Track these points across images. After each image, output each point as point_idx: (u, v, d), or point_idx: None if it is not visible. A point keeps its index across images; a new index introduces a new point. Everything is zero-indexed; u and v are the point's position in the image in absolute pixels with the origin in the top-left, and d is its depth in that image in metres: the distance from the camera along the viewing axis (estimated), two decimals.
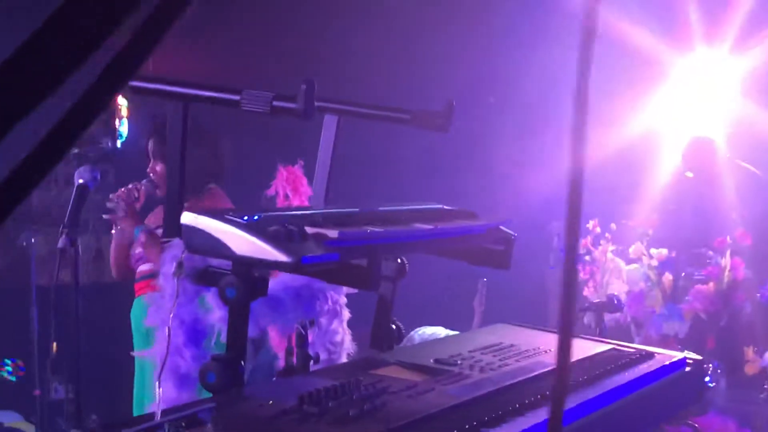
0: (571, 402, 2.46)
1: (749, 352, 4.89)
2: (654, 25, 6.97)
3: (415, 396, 2.36)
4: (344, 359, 3.03)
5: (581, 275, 5.11)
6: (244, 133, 5.42)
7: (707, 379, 4.42)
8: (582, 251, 5.15)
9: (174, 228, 2.36)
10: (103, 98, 0.75)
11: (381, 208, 2.70)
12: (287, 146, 4.48)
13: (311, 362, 2.93)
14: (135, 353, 2.64)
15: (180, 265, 2.34)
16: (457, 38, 7.56)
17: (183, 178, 2.52)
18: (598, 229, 5.15)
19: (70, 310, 4.84)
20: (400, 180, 7.63)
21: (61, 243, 3.13)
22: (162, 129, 3.70)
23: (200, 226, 2.20)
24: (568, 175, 1.04)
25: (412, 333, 5.81)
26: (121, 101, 8.54)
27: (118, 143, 8.95)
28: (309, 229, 2.24)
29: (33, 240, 6.01)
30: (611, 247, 5.07)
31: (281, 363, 2.91)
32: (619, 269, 5.00)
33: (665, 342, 4.80)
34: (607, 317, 4.98)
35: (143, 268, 4.20)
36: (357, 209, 2.63)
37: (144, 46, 0.77)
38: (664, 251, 4.99)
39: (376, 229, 2.38)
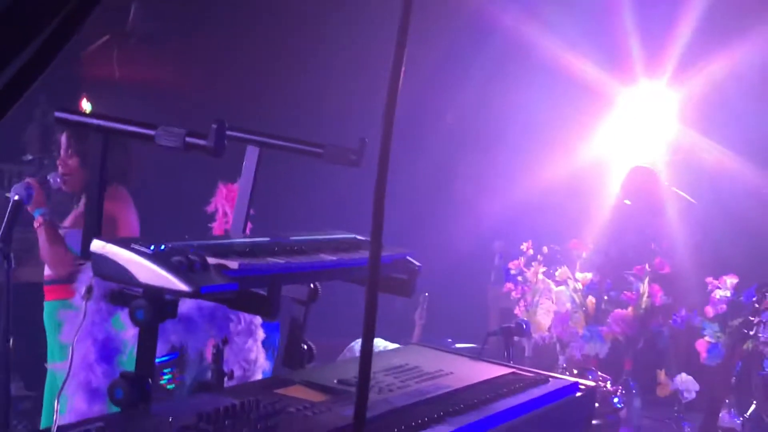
0: (460, 423, 2.64)
1: (661, 374, 5.11)
2: (598, 57, 7.20)
3: (310, 416, 2.52)
4: (258, 376, 3.20)
5: (513, 294, 5.30)
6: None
7: (616, 400, 4.63)
8: (514, 271, 5.35)
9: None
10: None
11: (292, 238, 2.87)
12: (228, 165, 4.66)
13: (225, 378, 3.12)
14: (49, 365, 2.80)
15: (89, 289, 2.51)
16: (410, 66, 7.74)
17: (101, 204, 2.68)
18: (531, 251, 5.34)
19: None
20: (349, 204, 7.82)
21: None
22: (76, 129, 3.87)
23: (108, 254, 2.37)
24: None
25: (352, 344, 5.99)
26: (86, 106, 8.68)
27: None
28: (211, 260, 2.41)
29: None
30: (542, 269, 5.27)
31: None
32: (549, 290, 5.20)
33: (587, 362, 5.01)
34: (536, 336, 5.19)
35: (47, 272, 4.39)
36: (267, 239, 2.81)
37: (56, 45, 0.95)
38: (589, 275, 5.20)
39: (277, 260, 2.56)
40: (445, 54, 7.77)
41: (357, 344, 5.92)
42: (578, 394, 3.19)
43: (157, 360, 4.43)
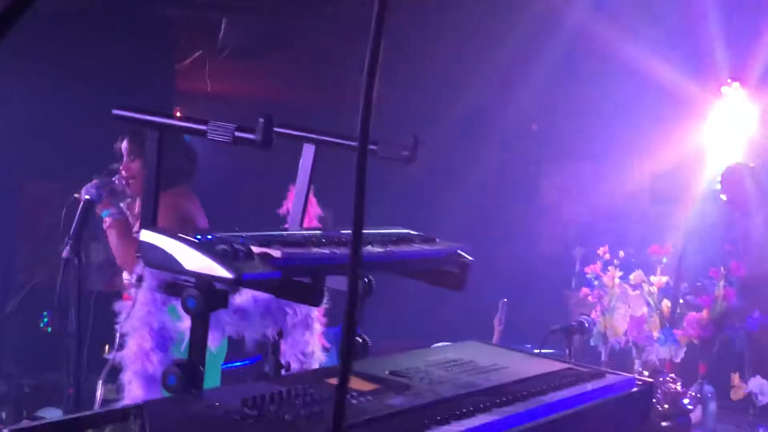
0: (506, 413, 2.66)
1: (735, 378, 5.03)
2: (681, 64, 7.14)
3: (355, 404, 2.57)
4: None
5: (590, 299, 5.27)
6: (260, 154, 5.72)
7: (686, 401, 4.57)
8: (591, 276, 5.32)
9: None
10: None
11: (342, 231, 2.94)
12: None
13: (282, 370, 3.19)
14: (106, 355, 2.91)
15: (140, 278, 2.61)
16: (500, 71, 7.79)
17: (157, 200, 2.79)
18: (608, 256, 5.31)
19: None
20: (447, 206, 7.90)
21: (65, 253, 3.42)
22: (137, 129, 4.06)
23: (156, 243, 2.47)
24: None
25: (431, 347, 6.04)
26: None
27: None
28: (255, 249, 2.49)
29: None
30: (619, 273, 5.23)
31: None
32: (626, 295, 5.16)
33: (662, 365, 4.96)
34: (613, 340, 5.16)
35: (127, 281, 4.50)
36: (318, 232, 2.88)
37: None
38: (664, 279, 5.14)
39: (322, 251, 2.63)
40: (531, 60, 7.79)
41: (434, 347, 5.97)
42: (634, 389, 3.18)
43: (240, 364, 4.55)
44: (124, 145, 4.75)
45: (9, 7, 0.99)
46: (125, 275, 4.60)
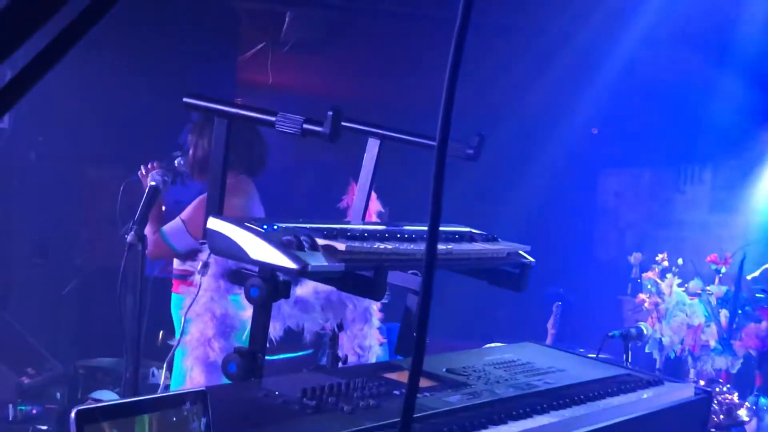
0: (563, 416, 2.64)
1: None
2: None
3: None
4: (373, 362, 3.27)
5: (646, 305, 5.22)
6: (324, 149, 5.74)
7: (742, 412, 4.50)
8: (647, 282, 5.28)
9: None
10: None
11: (404, 227, 2.94)
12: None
13: (339, 363, 3.20)
14: (171, 341, 2.93)
15: (206, 265, 2.64)
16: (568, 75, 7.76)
17: (224, 187, 2.81)
18: (666, 263, 5.26)
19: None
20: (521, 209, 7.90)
21: (130, 238, 3.45)
22: (199, 124, 4.20)
23: (222, 230, 2.49)
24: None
25: (483, 347, 6.03)
26: None
27: None
28: (320, 241, 2.50)
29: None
30: (677, 281, 5.18)
31: None
32: (683, 302, 5.11)
33: (717, 376, 4.91)
34: (668, 348, 5.11)
35: (180, 266, 4.43)
36: (380, 227, 2.89)
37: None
38: (724, 288, 5.08)
39: (386, 245, 2.63)
40: (596, 63, 7.74)
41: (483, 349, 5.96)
42: (693, 398, 3.15)
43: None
44: (189, 138, 4.64)
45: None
46: (175, 263, 4.58)
